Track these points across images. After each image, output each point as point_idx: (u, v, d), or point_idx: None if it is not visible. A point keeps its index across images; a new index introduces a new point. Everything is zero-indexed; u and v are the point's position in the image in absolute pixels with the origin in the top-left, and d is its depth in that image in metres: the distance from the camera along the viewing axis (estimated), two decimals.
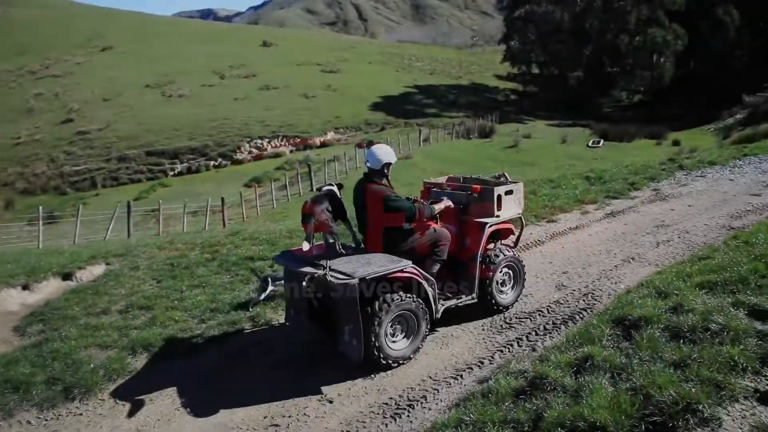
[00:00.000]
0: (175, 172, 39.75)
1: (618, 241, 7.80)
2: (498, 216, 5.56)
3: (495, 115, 44.31)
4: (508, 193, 5.64)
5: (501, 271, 5.69)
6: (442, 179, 6.31)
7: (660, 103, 61.09)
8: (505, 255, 5.72)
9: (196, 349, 5.38)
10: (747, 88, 52.03)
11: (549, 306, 5.76)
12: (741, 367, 3.55)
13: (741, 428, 3.12)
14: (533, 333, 5.17)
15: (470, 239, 5.56)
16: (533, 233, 8.49)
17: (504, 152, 27.80)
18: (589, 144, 31.36)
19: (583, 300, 5.82)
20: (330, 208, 4.97)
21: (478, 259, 5.46)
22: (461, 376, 4.51)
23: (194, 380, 4.85)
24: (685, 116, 53.45)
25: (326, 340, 5.16)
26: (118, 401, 4.60)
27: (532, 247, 7.90)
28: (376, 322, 4.59)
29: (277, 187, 25.45)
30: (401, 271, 4.76)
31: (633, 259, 7.02)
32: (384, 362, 4.71)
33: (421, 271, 4.94)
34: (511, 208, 5.72)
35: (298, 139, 44.17)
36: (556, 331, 5.12)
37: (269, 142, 43.93)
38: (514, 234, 6.10)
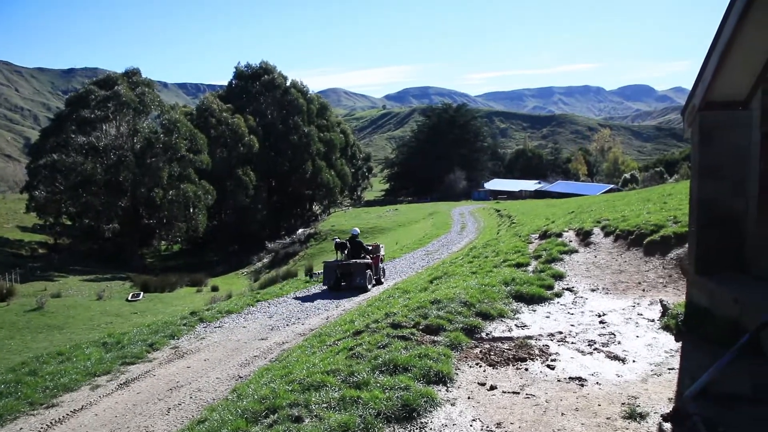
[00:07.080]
0: None
1: (127, 416, 7.22)
2: (381, 252, 18.95)
3: (16, 274, 38.47)
4: (382, 246, 19.80)
5: (381, 269, 18.39)
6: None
7: (199, 251, 65.19)
8: (381, 266, 18.51)
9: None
10: (269, 236, 61.21)
11: None
12: None
13: None
14: None
15: (375, 260, 17.74)
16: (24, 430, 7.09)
17: (25, 317, 23.87)
18: (129, 298, 30.06)
19: None
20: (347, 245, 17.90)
21: (380, 266, 18.25)
22: None
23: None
24: (222, 262, 58.25)
25: (343, 288, 16.56)
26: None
27: None
28: (366, 275, 16.77)
29: None
30: (372, 261, 17.67)
31: None
32: (367, 289, 16.58)
33: (373, 262, 17.72)
34: (382, 251, 19.20)
35: None
36: None
37: None
38: (383, 261, 19.21)
